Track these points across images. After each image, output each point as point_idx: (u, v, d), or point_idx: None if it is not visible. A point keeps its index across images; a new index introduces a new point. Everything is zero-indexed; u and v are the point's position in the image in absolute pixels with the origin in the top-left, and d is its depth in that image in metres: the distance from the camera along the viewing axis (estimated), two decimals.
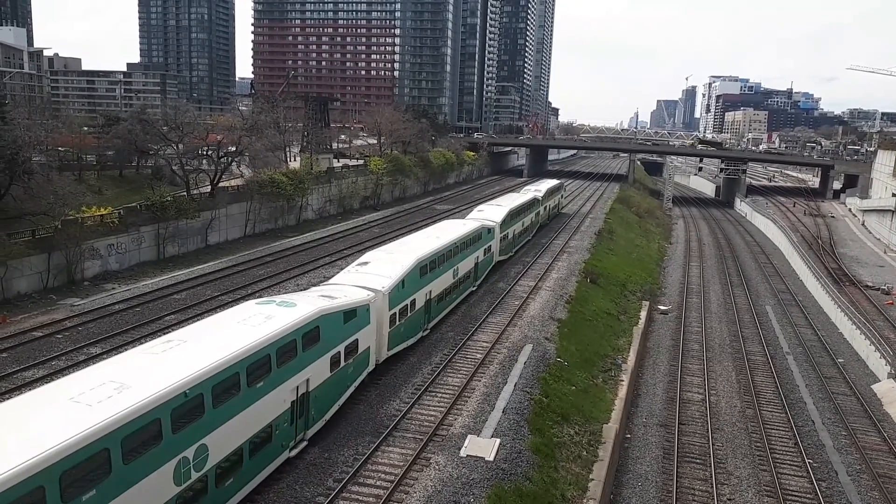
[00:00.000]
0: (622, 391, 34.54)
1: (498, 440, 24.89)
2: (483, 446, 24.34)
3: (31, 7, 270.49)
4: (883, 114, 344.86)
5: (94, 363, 29.99)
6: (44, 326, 35.35)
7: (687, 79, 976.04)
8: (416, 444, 24.35)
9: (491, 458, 23.60)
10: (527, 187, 77.10)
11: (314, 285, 39.24)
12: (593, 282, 52.88)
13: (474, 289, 45.48)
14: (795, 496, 27.94)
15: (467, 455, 23.67)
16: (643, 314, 49.31)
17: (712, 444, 32.07)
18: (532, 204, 65.88)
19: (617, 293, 54.04)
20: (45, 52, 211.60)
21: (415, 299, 32.74)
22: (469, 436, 25.03)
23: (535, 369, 32.56)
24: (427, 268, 34.46)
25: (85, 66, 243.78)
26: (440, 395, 28.91)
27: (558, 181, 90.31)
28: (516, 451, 24.55)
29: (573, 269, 55.22)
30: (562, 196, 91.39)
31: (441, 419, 26.30)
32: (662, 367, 42.58)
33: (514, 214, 57.38)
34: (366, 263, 32.91)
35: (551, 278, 51.58)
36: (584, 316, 44.70)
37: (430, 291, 35.27)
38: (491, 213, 54.32)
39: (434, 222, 54.67)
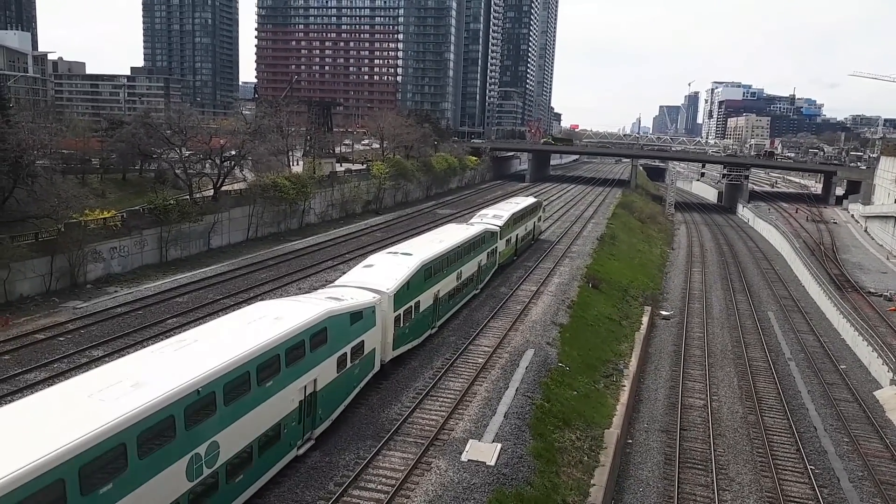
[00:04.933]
0: (624, 396, 34.51)
1: (499, 445, 24.88)
2: (484, 451, 24.33)
3: (35, 11, 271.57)
4: (885, 120, 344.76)
5: (95, 366, 30.11)
6: (46, 329, 35.41)
7: (690, 84, 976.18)
8: (417, 448, 24.36)
9: (492, 463, 23.59)
10: (484, 211, 57.70)
11: (315, 289, 35.70)
12: (595, 287, 52.87)
13: (300, 451, 22.93)
14: (797, 502, 27.89)
15: (468, 459, 23.66)
16: (645, 319, 49.27)
17: (714, 450, 32.03)
18: (480, 242, 45.49)
19: (619, 298, 54.01)
20: (50, 56, 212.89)
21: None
22: (470, 440, 25.02)
23: (537, 374, 32.54)
24: (109, 462, 14.55)
25: (89, 70, 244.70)
26: (442, 399, 28.92)
27: (534, 199, 69.94)
28: (517, 455, 24.53)
29: (575, 274, 55.21)
30: (539, 219, 69.41)
31: (442, 424, 26.29)
32: (664, 372, 42.53)
33: (434, 270, 35.44)
34: None
35: (553, 283, 51.57)
36: (586, 321, 44.67)
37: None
38: (382, 271, 31.48)
39: (436, 226, 53.09)
